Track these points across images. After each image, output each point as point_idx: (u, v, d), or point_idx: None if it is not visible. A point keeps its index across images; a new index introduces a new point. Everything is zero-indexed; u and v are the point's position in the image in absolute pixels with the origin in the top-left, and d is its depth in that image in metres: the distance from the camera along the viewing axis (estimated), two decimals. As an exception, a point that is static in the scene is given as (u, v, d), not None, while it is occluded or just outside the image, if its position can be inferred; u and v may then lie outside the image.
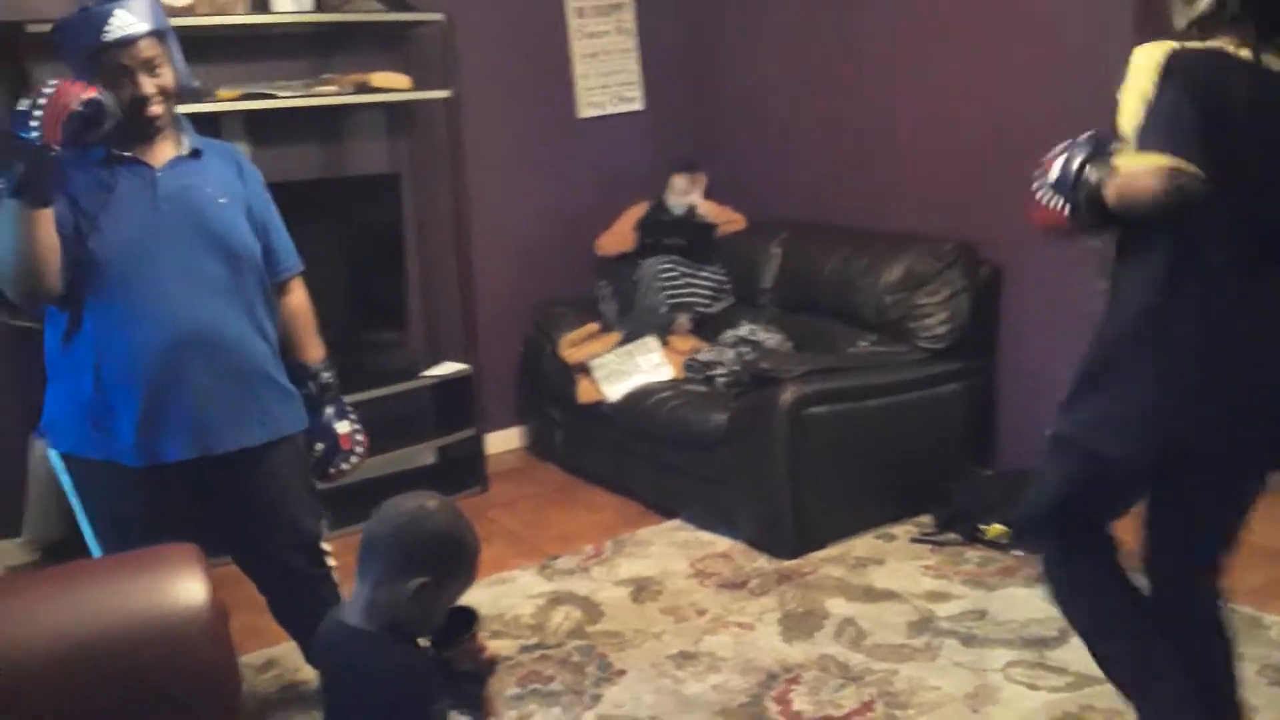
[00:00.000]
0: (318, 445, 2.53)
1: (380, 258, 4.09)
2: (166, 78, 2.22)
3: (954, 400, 3.63)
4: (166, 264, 2.21)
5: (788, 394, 3.35)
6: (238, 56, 3.81)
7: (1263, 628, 2.80)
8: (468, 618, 1.81)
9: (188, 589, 1.69)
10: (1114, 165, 1.88)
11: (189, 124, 2.36)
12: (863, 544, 3.44)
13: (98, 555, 2.32)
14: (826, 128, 4.29)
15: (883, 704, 2.60)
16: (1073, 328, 2.35)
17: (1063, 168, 1.94)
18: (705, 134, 4.81)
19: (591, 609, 3.15)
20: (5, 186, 2.05)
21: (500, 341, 4.37)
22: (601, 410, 3.99)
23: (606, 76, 4.69)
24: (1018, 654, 2.77)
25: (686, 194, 4.42)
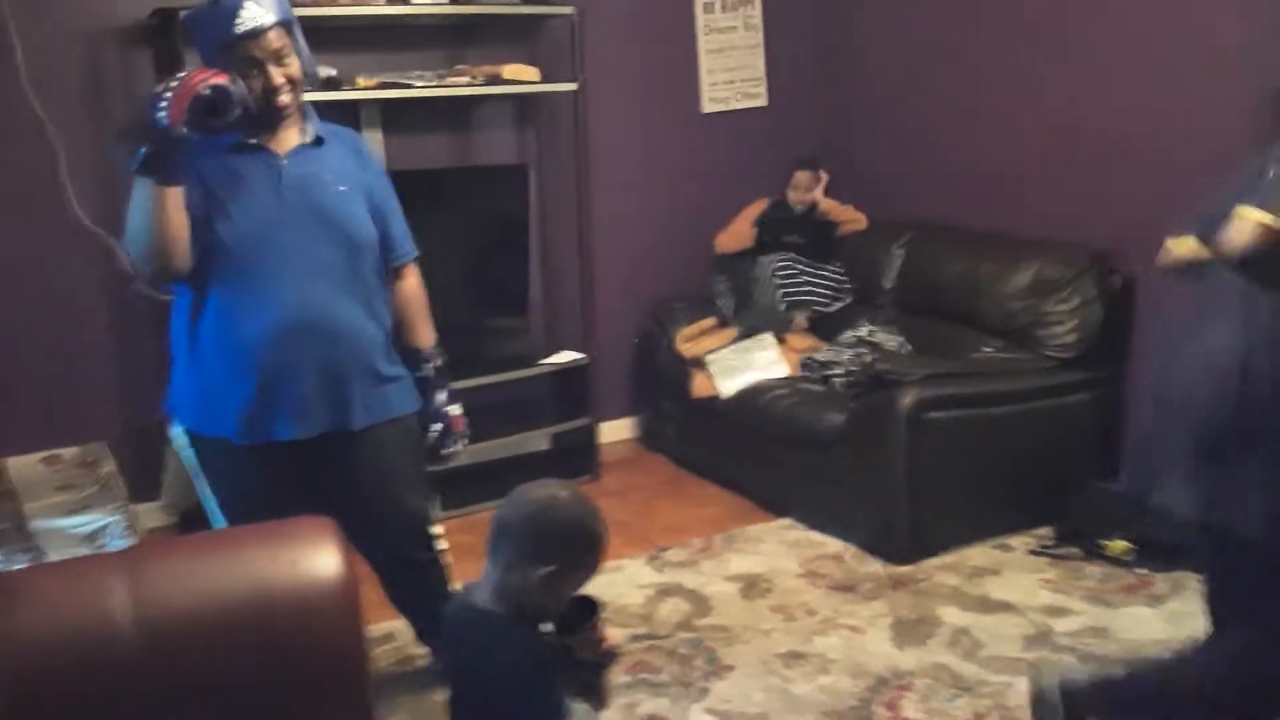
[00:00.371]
0: (434, 427, 2.57)
1: (504, 246, 4.16)
2: (293, 67, 2.28)
3: (1080, 411, 3.53)
4: (288, 250, 2.27)
5: (908, 397, 3.30)
6: (375, 46, 3.92)
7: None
8: (590, 606, 1.83)
9: (324, 561, 1.73)
10: None
11: (313, 111, 2.42)
12: (978, 553, 3.38)
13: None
14: (953, 129, 4.21)
15: (997, 716, 2.55)
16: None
17: None
18: (829, 132, 4.76)
19: (700, 602, 3.16)
20: (133, 164, 2.13)
21: (616, 333, 4.41)
22: (714, 405, 3.99)
23: (732, 72, 4.68)
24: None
25: (808, 191, 4.39)
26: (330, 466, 2.40)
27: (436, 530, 2.61)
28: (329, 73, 3.55)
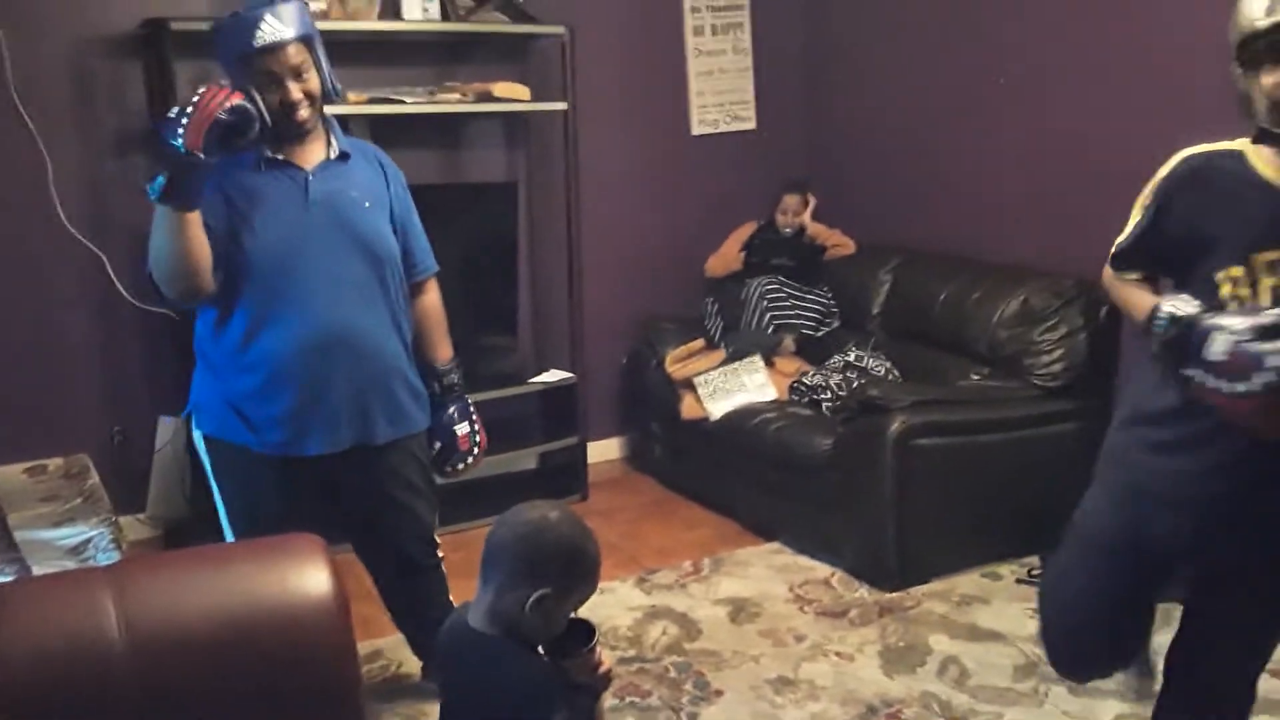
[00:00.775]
0: (436, 443, 2.58)
1: (494, 264, 4.14)
2: (312, 83, 2.28)
3: (1067, 440, 3.53)
4: (314, 265, 2.27)
5: (896, 424, 3.30)
6: (366, 61, 3.91)
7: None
8: (586, 630, 1.80)
9: (315, 578, 1.72)
10: None
11: (337, 126, 2.42)
12: (967, 581, 3.37)
13: (229, 535, 2.41)
14: (942, 154, 4.23)
15: (988, 746, 2.54)
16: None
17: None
18: (817, 156, 4.78)
19: (689, 626, 3.14)
20: (152, 192, 2.11)
21: (605, 353, 4.40)
22: (702, 427, 3.98)
23: (721, 95, 4.70)
24: (1130, 708, 2.68)
25: (797, 215, 4.40)
26: (350, 478, 2.43)
27: (437, 539, 2.64)
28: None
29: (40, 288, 3.59)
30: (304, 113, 2.27)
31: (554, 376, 4.14)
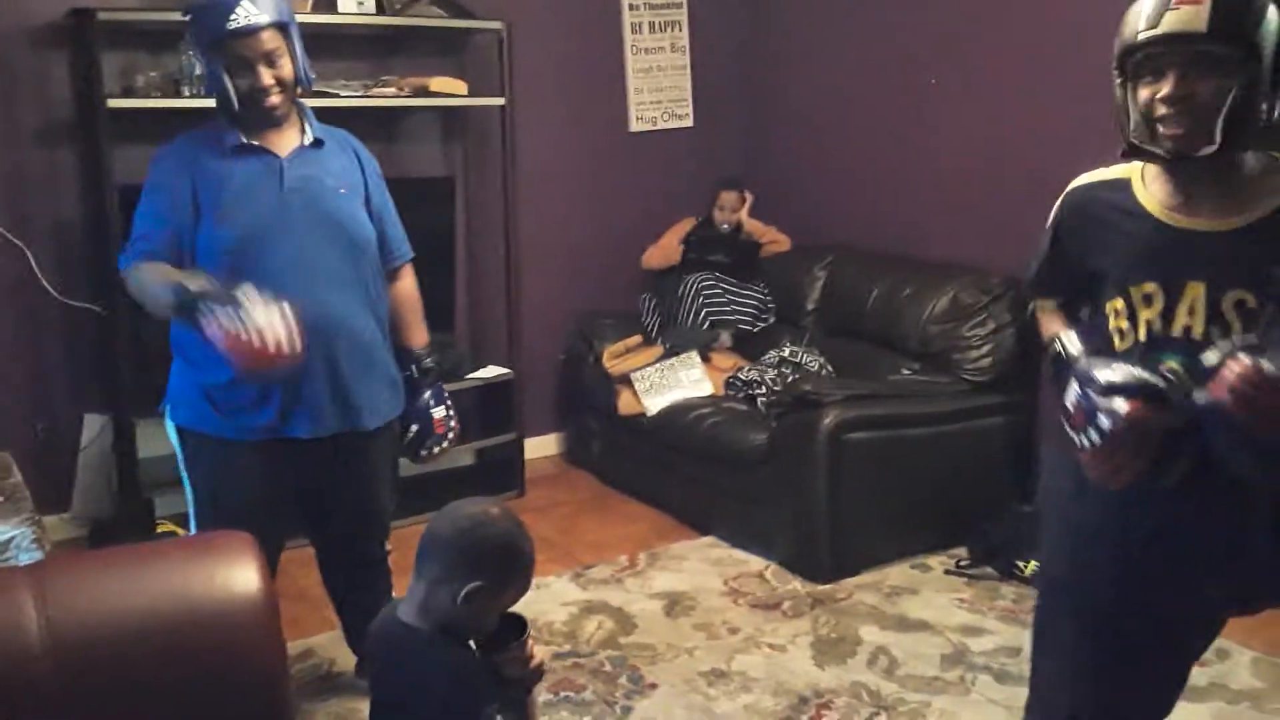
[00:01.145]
0: (412, 427, 2.59)
1: (430, 259, 4.04)
2: (285, 69, 2.26)
3: (995, 434, 3.62)
4: (290, 252, 2.26)
5: (829, 418, 3.35)
6: (301, 54, 3.86)
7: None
8: (519, 624, 1.82)
9: (242, 576, 1.71)
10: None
11: (311, 113, 2.40)
12: (897, 572, 3.43)
13: (194, 526, 2.42)
14: (876, 153, 4.30)
15: (915, 734, 2.60)
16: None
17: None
18: (754, 153, 4.83)
19: (624, 620, 3.16)
20: (173, 301, 2.10)
21: (542, 349, 4.40)
22: (639, 422, 4.00)
23: (659, 92, 4.72)
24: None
25: (734, 211, 4.44)
26: (321, 465, 2.41)
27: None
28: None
29: (-41, 284, 3.51)
30: (275, 99, 2.25)
31: (491, 372, 4.13)
